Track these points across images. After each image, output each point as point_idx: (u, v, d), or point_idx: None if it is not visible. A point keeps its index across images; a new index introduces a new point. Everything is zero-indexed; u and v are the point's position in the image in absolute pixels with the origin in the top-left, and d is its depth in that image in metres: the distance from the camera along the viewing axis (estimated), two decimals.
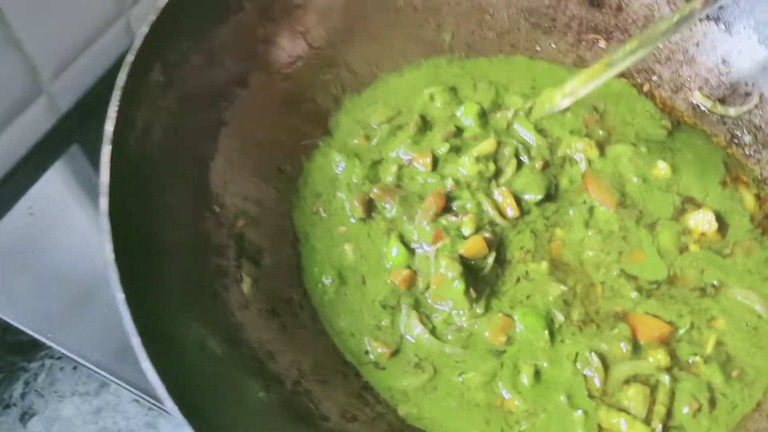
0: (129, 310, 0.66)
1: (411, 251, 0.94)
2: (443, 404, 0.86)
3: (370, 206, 0.99)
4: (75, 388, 1.41)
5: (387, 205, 0.98)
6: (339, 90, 1.08)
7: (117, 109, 0.75)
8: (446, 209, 0.96)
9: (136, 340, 0.65)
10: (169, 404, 0.63)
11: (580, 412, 0.84)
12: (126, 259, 0.71)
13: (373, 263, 0.95)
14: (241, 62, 0.96)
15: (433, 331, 0.89)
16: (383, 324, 0.91)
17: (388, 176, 1.01)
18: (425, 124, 1.06)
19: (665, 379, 0.86)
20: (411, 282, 0.93)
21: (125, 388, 1.02)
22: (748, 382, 0.88)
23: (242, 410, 0.73)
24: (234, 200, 0.91)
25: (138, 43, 0.81)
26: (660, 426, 0.83)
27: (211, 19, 0.92)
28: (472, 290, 0.89)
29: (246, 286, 0.87)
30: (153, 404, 1.01)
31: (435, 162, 1.02)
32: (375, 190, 0.98)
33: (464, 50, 1.15)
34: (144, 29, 0.82)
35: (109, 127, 0.75)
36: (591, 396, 0.85)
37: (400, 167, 1.02)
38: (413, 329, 0.89)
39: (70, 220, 1.15)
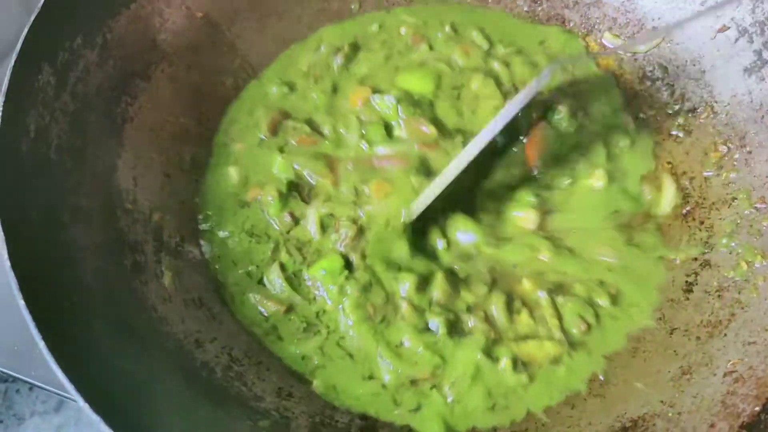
0: (31, 316, 0.66)
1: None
2: (343, 370, 0.83)
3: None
4: (33, 409, 1.39)
5: None
6: (249, 72, 1.06)
7: (0, 116, 0.74)
8: None
9: (42, 344, 0.65)
10: (81, 402, 0.63)
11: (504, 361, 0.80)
12: (29, 265, 0.70)
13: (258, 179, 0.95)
14: (140, 55, 0.94)
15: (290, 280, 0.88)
16: (251, 270, 0.89)
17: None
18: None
19: (541, 294, 0.85)
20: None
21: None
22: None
23: (168, 404, 0.72)
24: (147, 195, 0.90)
25: (19, 45, 0.79)
26: (562, 334, 0.83)
27: (101, 15, 0.89)
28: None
29: (167, 279, 0.85)
30: None
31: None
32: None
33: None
34: (24, 31, 0.80)
35: None
36: (495, 341, 0.83)
37: None
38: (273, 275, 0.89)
39: None
